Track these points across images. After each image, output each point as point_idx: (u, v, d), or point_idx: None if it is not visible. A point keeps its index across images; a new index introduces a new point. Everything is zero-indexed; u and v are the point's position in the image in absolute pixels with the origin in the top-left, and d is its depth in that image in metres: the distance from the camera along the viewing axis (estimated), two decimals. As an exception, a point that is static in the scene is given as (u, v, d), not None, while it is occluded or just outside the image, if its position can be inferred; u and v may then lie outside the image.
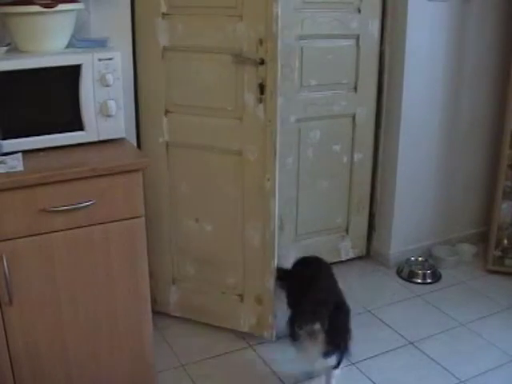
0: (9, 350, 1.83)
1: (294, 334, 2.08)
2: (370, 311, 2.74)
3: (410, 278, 3.03)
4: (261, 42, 2.11)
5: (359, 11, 2.78)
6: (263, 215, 2.31)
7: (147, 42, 2.33)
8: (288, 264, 2.48)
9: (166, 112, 2.38)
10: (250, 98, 2.20)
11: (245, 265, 2.42)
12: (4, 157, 1.81)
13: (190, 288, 2.57)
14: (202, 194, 2.42)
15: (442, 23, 2.89)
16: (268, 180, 2.24)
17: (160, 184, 2.45)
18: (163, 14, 2.27)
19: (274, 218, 2.30)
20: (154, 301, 2.14)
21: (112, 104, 1.98)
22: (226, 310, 2.52)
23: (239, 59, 2.17)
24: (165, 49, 2.31)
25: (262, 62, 2.12)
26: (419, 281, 3.01)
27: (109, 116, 1.99)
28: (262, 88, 2.15)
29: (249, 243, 2.38)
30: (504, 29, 3.09)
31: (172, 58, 2.31)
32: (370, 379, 2.28)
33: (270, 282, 2.37)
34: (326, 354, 2.06)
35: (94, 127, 1.98)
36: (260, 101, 2.17)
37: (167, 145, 2.41)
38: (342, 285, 2.94)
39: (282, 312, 2.34)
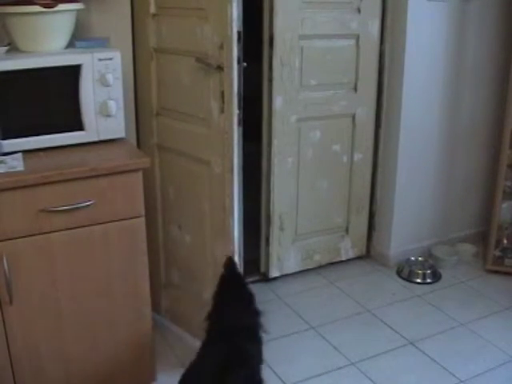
0: (9, 350, 1.83)
1: None
2: (370, 311, 2.74)
3: (409, 277, 3.03)
4: (222, 46, 1.97)
5: (359, 11, 2.78)
6: (223, 236, 2.17)
7: (141, 43, 2.32)
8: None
9: (157, 114, 2.36)
10: (215, 106, 2.06)
11: (215, 283, 2.24)
12: (4, 157, 1.81)
13: (176, 295, 2.52)
14: (185, 202, 2.35)
15: (442, 23, 2.89)
16: (227, 196, 2.09)
17: (152, 186, 2.42)
18: (153, 14, 2.25)
19: (233, 239, 2.13)
20: (153, 302, 2.14)
21: (112, 104, 1.98)
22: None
23: (203, 64, 2.04)
24: (154, 50, 2.29)
25: (223, 68, 1.98)
26: (419, 281, 3.01)
27: (109, 116, 1.99)
28: (223, 96, 2.01)
29: (217, 262, 2.19)
30: (504, 29, 3.09)
31: (159, 59, 2.28)
32: (370, 379, 2.28)
33: None
34: None
35: (94, 127, 1.98)
36: (222, 110, 2.03)
37: (157, 147, 2.39)
38: (342, 285, 2.97)
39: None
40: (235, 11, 1.90)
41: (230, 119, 2.01)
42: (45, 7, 1.89)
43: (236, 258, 2.16)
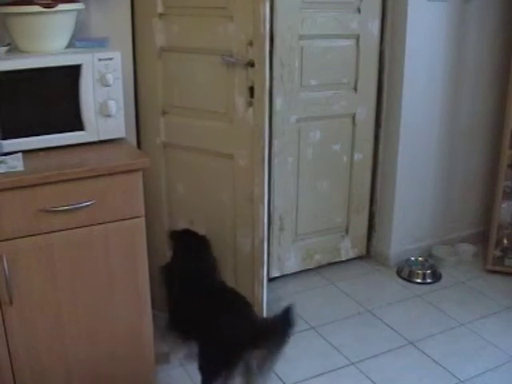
0: (9, 350, 1.83)
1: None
2: (369, 311, 2.75)
3: (410, 278, 3.03)
4: (251, 43, 2.06)
5: (359, 11, 2.78)
6: (252, 222, 2.25)
7: (145, 42, 2.33)
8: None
9: (163, 113, 2.38)
10: (240, 101, 2.15)
11: (236, 272, 2.37)
12: (4, 157, 1.81)
13: None
14: (197, 197, 2.40)
15: (442, 23, 2.89)
16: (257, 186, 2.19)
17: (157, 184, 2.45)
18: (160, 14, 2.26)
19: (263, 226, 2.23)
20: (153, 301, 2.14)
21: (112, 104, 1.98)
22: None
23: (229, 61, 2.13)
24: (161, 49, 2.30)
25: (253, 64, 2.07)
26: (419, 281, 3.01)
27: (109, 116, 1.99)
28: (252, 91, 2.10)
29: (240, 250, 2.33)
30: (504, 29, 3.09)
31: (168, 58, 2.30)
32: (370, 379, 2.28)
33: (259, 290, 2.32)
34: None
35: (94, 127, 1.98)
36: (250, 104, 2.12)
37: (164, 145, 2.41)
38: (342, 285, 2.97)
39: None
40: (268, 10, 2.01)
41: (262, 112, 2.10)
42: (45, 7, 1.89)
43: (265, 245, 2.26)
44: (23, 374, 1.88)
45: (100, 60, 1.94)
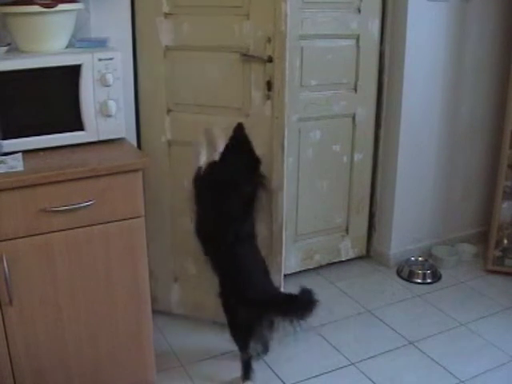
0: (9, 350, 1.83)
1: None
2: (370, 311, 2.74)
3: (410, 278, 3.03)
4: (269, 40, 2.14)
5: (359, 11, 2.78)
6: (270, 211, 2.31)
7: (148, 42, 2.33)
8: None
9: (168, 111, 2.38)
10: (257, 95, 2.22)
11: None
12: (4, 157, 1.81)
13: (191, 286, 2.56)
14: None
15: (442, 23, 2.89)
16: (276, 172, 2.25)
17: (162, 182, 2.45)
18: (165, 13, 2.27)
19: (281, 213, 2.32)
20: (154, 300, 2.14)
21: (112, 104, 1.98)
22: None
23: (246, 57, 2.20)
24: (167, 48, 2.31)
25: (271, 60, 2.15)
26: (419, 281, 3.01)
27: (109, 116, 1.99)
28: (269, 85, 2.18)
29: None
30: (504, 28, 3.09)
31: (176, 57, 2.31)
32: (370, 379, 2.28)
33: (277, 277, 2.35)
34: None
35: (94, 127, 1.98)
36: (268, 98, 2.20)
37: (169, 143, 2.42)
38: (342, 285, 2.97)
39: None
40: (289, 8, 2.09)
41: (282, 104, 2.19)
42: (45, 7, 1.89)
43: (283, 233, 2.33)
44: (23, 374, 1.88)
45: (100, 60, 1.94)
